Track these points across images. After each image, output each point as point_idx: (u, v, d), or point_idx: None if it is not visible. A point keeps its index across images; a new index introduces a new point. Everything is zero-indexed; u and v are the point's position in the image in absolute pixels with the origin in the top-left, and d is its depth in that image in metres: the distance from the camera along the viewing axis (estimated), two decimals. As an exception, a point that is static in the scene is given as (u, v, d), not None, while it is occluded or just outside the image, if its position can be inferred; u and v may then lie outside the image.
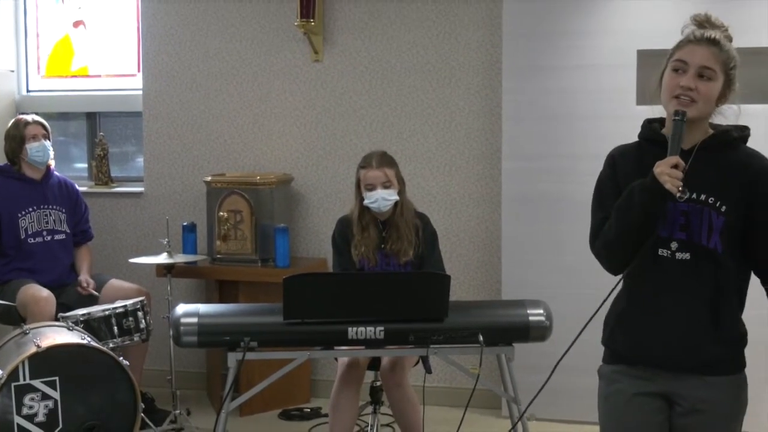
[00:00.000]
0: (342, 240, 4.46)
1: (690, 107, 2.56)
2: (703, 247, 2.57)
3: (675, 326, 2.61)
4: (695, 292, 2.59)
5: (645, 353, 2.68)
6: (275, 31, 5.94)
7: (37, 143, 5.34)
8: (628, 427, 2.73)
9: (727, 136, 2.66)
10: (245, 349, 3.78)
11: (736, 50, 2.67)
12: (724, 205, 2.56)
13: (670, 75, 2.61)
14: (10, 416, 4.31)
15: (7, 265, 5.28)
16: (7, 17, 6.46)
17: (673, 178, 2.47)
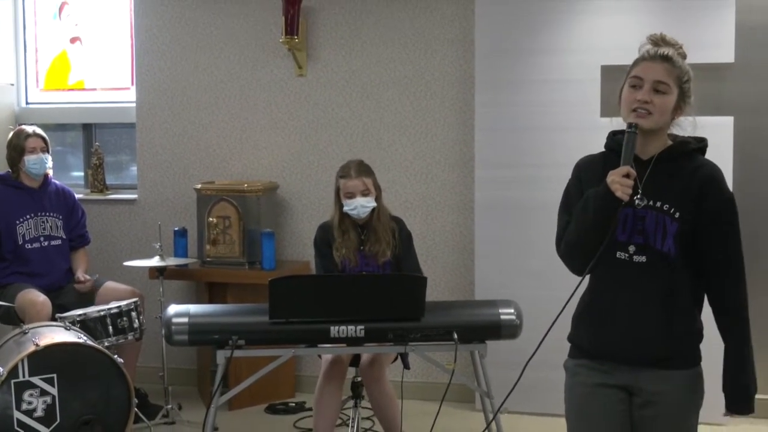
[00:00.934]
0: (323, 243, 4.47)
1: (646, 119, 2.59)
2: (658, 251, 2.60)
3: (631, 324, 2.64)
4: (650, 292, 2.62)
5: (604, 348, 2.70)
6: (261, 47, 5.93)
7: (35, 156, 5.32)
8: (591, 415, 2.75)
9: (685, 147, 2.68)
10: (233, 347, 3.78)
11: (689, 66, 2.70)
12: (678, 212, 2.59)
13: (628, 91, 2.65)
14: (10, 411, 4.29)
15: (6, 269, 5.25)
16: (7, 33, 6.43)
17: (624, 186, 2.51)
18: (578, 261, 2.69)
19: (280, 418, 5.44)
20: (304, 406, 5.53)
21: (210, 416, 3.88)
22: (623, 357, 2.67)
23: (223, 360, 3.80)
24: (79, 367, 4.43)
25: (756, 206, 5.20)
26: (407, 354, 4.15)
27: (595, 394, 2.73)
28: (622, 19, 5.11)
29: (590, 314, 2.75)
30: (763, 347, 5.18)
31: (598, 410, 2.73)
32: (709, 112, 5.06)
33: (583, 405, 2.77)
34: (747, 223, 5.14)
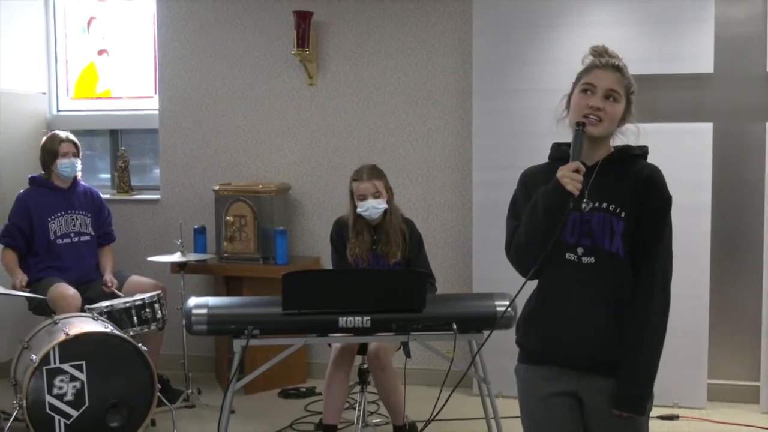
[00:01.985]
0: (338, 239, 4.48)
1: (597, 126, 2.52)
2: (606, 251, 2.50)
3: (579, 327, 2.52)
4: (599, 294, 2.51)
5: (552, 353, 2.58)
6: (275, 58, 5.93)
7: (67, 160, 5.33)
8: (550, 426, 2.63)
9: (627, 151, 2.60)
10: (249, 336, 3.78)
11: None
12: (624, 211, 2.50)
13: (579, 96, 2.57)
14: (43, 396, 4.31)
15: (39, 264, 5.26)
16: (39, 46, 6.44)
17: (574, 180, 2.42)
18: (526, 261, 2.56)
19: (292, 401, 5.44)
20: (314, 390, 5.54)
21: (227, 400, 3.89)
22: (570, 361, 2.55)
23: (240, 348, 3.81)
24: (106, 354, 4.45)
25: (733, 207, 5.20)
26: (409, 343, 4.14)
27: (547, 405, 2.61)
28: (609, 33, 5.08)
29: (539, 316, 2.63)
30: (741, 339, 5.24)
31: (551, 423, 2.61)
32: (689, 119, 5.08)
33: (536, 417, 2.66)
34: (724, 223, 5.21)
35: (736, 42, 5.13)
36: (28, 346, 4.60)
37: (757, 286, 5.11)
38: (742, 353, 5.23)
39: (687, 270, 4.08)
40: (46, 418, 4.32)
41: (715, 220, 5.03)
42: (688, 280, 4.27)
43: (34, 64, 6.41)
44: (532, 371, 2.65)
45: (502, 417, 4.07)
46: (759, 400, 5.11)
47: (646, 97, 5.21)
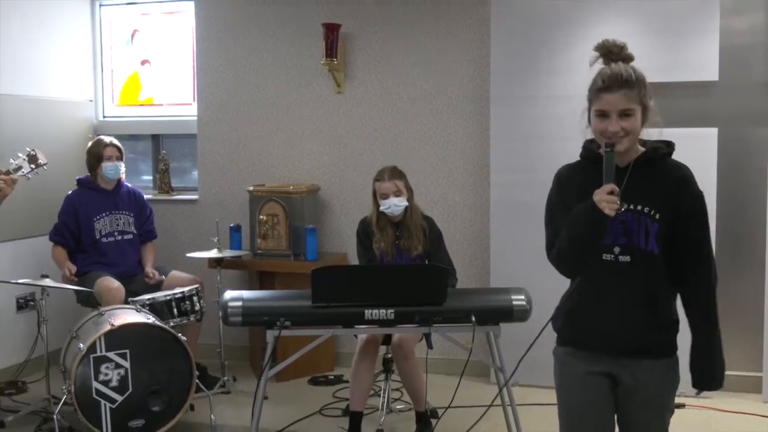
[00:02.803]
0: (365, 236, 4.50)
1: (621, 143, 2.48)
2: (642, 250, 2.50)
3: (616, 318, 2.55)
4: (634, 289, 2.52)
5: (590, 341, 2.61)
6: (305, 68, 5.95)
7: (111, 163, 5.36)
8: (581, 401, 2.66)
9: (657, 152, 2.57)
10: (281, 327, 3.79)
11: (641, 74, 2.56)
12: (658, 213, 2.50)
13: (597, 120, 2.53)
14: (89, 382, 4.33)
15: (86, 260, 5.29)
16: (86, 57, 6.49)
17: (610, 203, 2.40)
18: (569, 267, 2.61)
19: (321, 388, 5.45)
20: (342, 378, 5.55)
21: (260, 386, 3.90)
22: (607, 348, 2.58)
23: (272, 338, 3.82)
24: (148, 344, 4.47)
25: (737, 208, 5.18)
26: (430, 334, 4.15)
27: (584, 382, 2.63)
28: (619, 42, 5.07)
29: (578, 311, 2.63)
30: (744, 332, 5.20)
31: (584, 399, 2.65)
32: (696, 124, 5.05)
33: (573, 394, 2.68)
34: (729, 224, 5.18)
35: (740, 51, 5.10)
36: (76, 335, 4.63)
37: (759, 282, 5.08)
38: (745, 346, 5.19)
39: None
40: (93, 402, 4.35)
41: (720, 219, 5.00)
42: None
43: (82, 74, 6.45)
44: (570, 353, 2.69)
45: (518, 404, 4.06)
46: (762, 390, 5.08)
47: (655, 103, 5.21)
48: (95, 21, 6.56)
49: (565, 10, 5.20)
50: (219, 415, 4.81)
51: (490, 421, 4.49)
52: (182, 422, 4.59)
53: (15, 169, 3.95)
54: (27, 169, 4.01)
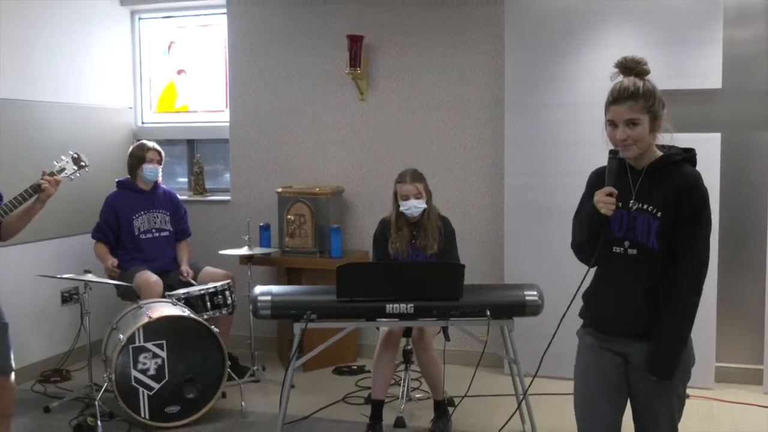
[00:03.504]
0: (382, 237, 4.48)
1: (630, 150, 2.59)
2: (645, 246, 2.60)
3: (624, 304, 2.65)
4: (639, 281, 2.61)
5: (604, 323, 2.73)
6: (330, 77, 5.95)
7: (151, 166, 5.39)
8: (593, 371, 2.75)
9: (671, 158, 2.64)
10: (307, 320, 3.80)
11: (653, 85, 2.65)
12: (660, 212, 2.57)
13: (609, 129, 2.63)
14: (129, 370, 4.37)
15: (126, 256, 5.32)
16: (126, 67, 6.53)
17: (607, 204, 2.55)
18: (583, 256, 2.73)
19: (345, 378, 5.45)
20: (364, 368, 5.54)
21: (288, 376, 3.91)
22: (618, 330, 2.68)
23: (299, 331, 3.83)
24: (183, 335, 4.50)
25: (740, 209, 5.14)
26: (448, 327, 4.14)
27: (599, 355, 2.73)
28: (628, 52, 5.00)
29: (595, 296, 2.77)
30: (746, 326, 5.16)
31: (598, 368, 2.74)
32: (700, 130, 5.01)
33: (588, 362, 2.78)
34: (732, 224, 5.14)
35: (742, 60, 5.06)
36: (116, 327, 4.67)
37: (760, 280, 5.04)
38: (746, 339, 5.16)
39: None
40: (132, 389, 4.39)
41: (723, 220, 4.97)
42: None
43: (122, 83, 6.48)
44: (591, 333, 2.78)
45: (530, 394, 4.05)
46: (762, 381, 5.03)
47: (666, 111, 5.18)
48: (135, 33, 6.60)
49: (576, 23, 5.18)
50: (249, 402, 4.82)
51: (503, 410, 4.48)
52: (215, 409, 4.61)
53: (59, 171, 3.98)
54: (70, 171, 4.04)
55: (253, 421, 4.61)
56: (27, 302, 5.36)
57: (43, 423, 4.60)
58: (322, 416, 4.68)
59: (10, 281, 4.33)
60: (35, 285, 5.28)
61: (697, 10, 4.95)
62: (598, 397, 2.74)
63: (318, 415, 4.69)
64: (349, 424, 4.54)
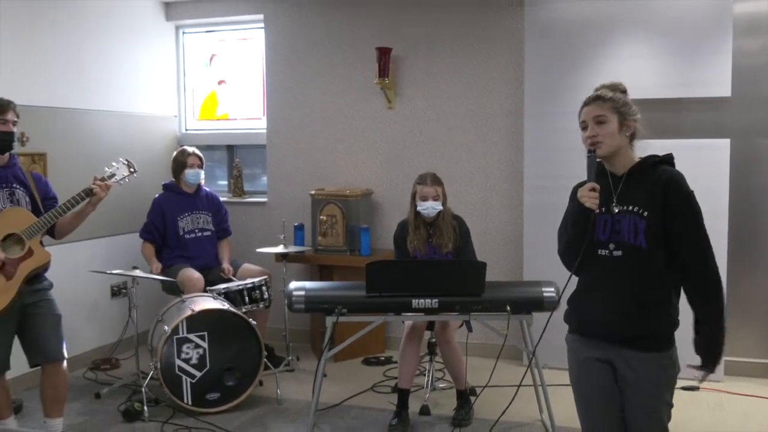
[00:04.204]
0: (401, 238, 4.47)
1: (600, 147, 2.57)
2: (631, 245, 2.50)
3: (608, 306, 2.55)
4: (625, 281, 2.51)
5: (587, 328, 2.64)
6: (360, 87, 5.96)
7: (193, 170, 5.43)
8: (588, 385, 2.67)
9: (650, 159, 2.59)
10: (338, 314, 3.82)
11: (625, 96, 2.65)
12: (646, 211, 2.49)
13: (581, 133, 2.64)
14: (173, 359, 4.41)
15: (171, 253, 5.37)
16: (171, 78, 6.58)
17: (591, 198, 2.52)
18: (569, 262, 2.64)
19: (373, 368, 5.45)
20: (391, 359, 5.55)
21: (320, 366, 3.92)
22: (602, 334, 2.57)
23: (331, 324, 3.85)
24: (223, 327, 4.53)
25: (748, 211, 5.08)
26: (470, 321, 4.13)
27: (587, 368, 2.64)
28: (641, 62, 5.01)
29: (578, 301, 2.67)
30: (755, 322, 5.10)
31: (588, 382, 2.66)
32: (710, 136, 4.97)
33: (578, 377, 2.70)
34: (740, 226, 5.10)
35: (751, 70, 5.00)
36: (161, 319, 4.71)
37: (768, 278, 4.99)
38: (755, 334, 5.10)
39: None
40: (176, 377, 4.42)
41: (732, 221, 4.91)
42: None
43: (167, 92, 6.54)
44: (577, 340, 2.69)
45: (547, 384, 4.03)
46: (770, 374, 4.98)
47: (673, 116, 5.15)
48: (179, 47, 6.65)
49: (592, 34, 5.14)
50: (284, 390, 4.84)
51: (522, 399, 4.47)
52: (252, 396, 4.64)
53: (110, 176, 4.02)
54: (120, 176, 4.08)
55: (288, 407, 4.63)
56: (80, 296, 5.42)
57: (94, 408, 4.65)
58: (352, 404, 4.69)
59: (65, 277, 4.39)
60: (88, 280, 5.34)
61: (709, 22, 4.90)
62: (593, 404, 2.66)
63: (348, 403, 4.70)
64: (377, 411, 4.54)
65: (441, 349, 4.38)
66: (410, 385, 4.35)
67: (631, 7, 5.06)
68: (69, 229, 3.98)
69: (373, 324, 4.01)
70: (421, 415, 4.46)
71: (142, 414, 4.40)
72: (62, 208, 3.81)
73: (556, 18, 5.24)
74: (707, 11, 4.91)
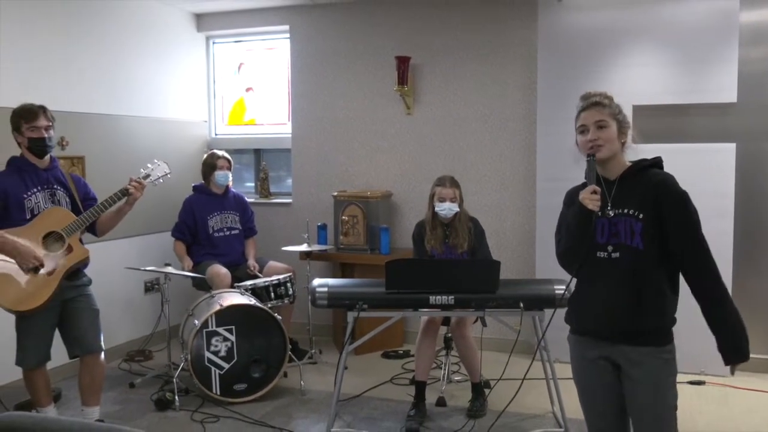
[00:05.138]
0: (419, 238, 4.46)
1: (601, 151, 2.54)
2: (628, 246, 2.48)
3: (607, 304, 2.51)
4: (623, 281, 2.47)
5: (586, 327, 2.60)
6: (380, 93, 5.96)
7: (222, 172, 5.46)
8: (590, 383, 2.63)
9: (641, 164, 2.57)
10: (359, 309, 3.81)
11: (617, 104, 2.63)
12: (642, 213, 2.47)
13: (580, 137, 2.60)
14: (202, 352, 4.43)
15: (201, 251, 5.39)
16: (201, 85, 6.61)
17: (593, 200, 2.49)
18: (570, 264, 2.62)
19: (392, 361, 5.45)
20: (409, 353, 5.53)
21: (342, 358, 3.92)
22: (602, 333, 2.54)
23: (352, 319, 3.84)
24: (250, 321, 4.54)
25: (753, 212, 5.03)
26: (485, 317, 4.11)
27: (589, 367, 2.61)
28: (648, 70, 4.97)
29: (578, 301, 2.64)
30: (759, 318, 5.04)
31: (591, 381, 2.62)
32: (716, 140, 4.91)
33: (581, 377, 2.66)
34: (745, 226, 5.04)
35: (756, 77, 4.95)
36: (192, 313, 4.74)
37: (772, 277, 4.93)
38: (760, 330, 5.03)
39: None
40: (205, 369, 4.44)
41: (737, 222, 4.87)
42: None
43: (198, 99, 6.57)
44: (578, 340, 2.66)
45: (559, 378, 4.01)
46: (773, 370, 4.92)
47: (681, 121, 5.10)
48: (209, 56, 6.69)
49: (602, 43, 5.11)
50: (307, 381, 4.85)
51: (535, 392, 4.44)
52: (277, 386, 4.65)
53: (145, 177, 4.05)
54: (155, 177, 4.11)
55: (311, 398, 4.63)
56: (116, 291, 5.46)
57: (128, 397, 4.68)
58: (372, 395, 4.69)
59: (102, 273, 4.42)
60: (123, 276, 5.38)
61: (715, 31, 4.85)
62: (597, 402, 2.63)
63: (368, 394, 4.70)
64: (396, 402, 4.54)
65: (457, 343, 4.36)
66: (427, 377, 4.34)
67: (640, 17, 5.02)
68: (109, 226, 4.02)
69: (392, 319, 4.00)
70: (437, 406, 4.45)
71: (173, 403, 4.42)
72: (99, 208, 3.85)
73: (568, 27, 5.21)
74: (714, 21, 4.86)
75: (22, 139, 3.76)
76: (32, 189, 3.76)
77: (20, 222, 3.69)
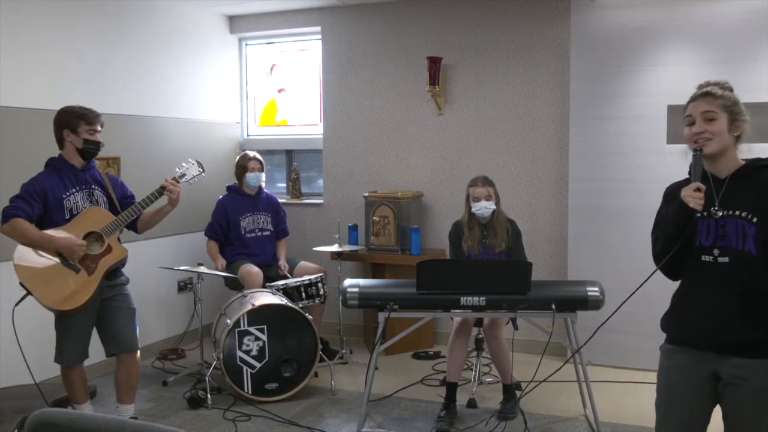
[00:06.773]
0: (455, 237, 4.46)
1: (708, 144, 2.33)
2: (740, 251, 2.27)
3: (714, 314, 2.31)
4: (731, 288, 2.28)
5: (690, 338, 2.37)
6: (412, 94, 5.96)
7: (254, 174, 5.49)
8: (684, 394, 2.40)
9: (755, 162, 2.37)
10: (390, 310, 3.82)
11: (734, 95, 2.42)
12: (756, 217, 2.27)
13: (686, 129, 2.38)
14: (234, 351, 4.46)
15: (233, 251, 5.42)
16: (234, 87, 6.65)
17: (696, 198, 2.27)
18: (664, 264, 2.39)
19: (423, 362, 5.43)
20: (440, 354, 5.52)
21: (372, 359, 3.93)
22: (708, 344, 2.32)
23: (383, 319, 3.84)
24: (282, 321, 4.56)
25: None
26: (516, 318, 4.10)
27: (684, 369, 2.39)
28: (683, 69, 4.91)
29: (681, 308, 2.42)
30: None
31: (687, 392, 2.39)
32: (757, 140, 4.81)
33: (672, 379, 2.43)
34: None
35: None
36: (224, 313, 4.77)
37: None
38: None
39: None
40: (237, 367, 4.47)
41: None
42: None
43: (230, 100, 6.61)
44: (674, 349, 2.45)
45: (591, 381, 3.98)
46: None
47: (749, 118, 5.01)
48: (242, 57, 6.73)
49: (635, 43, 5.06)
50: (338, 381, 4.86)
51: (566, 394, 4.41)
52: (308, 386, 4.67)
53: (180, 176, 4.09)
54: (190, 176, 4.15)
55: (342, 398, 4.64)
56: (150, 290, 5.52)
57: (162, 395, 4.73)
58: (403, 396, 4.68)
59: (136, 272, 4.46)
60: (157, 275, 5.45)
61: (750, 29, 4.78)
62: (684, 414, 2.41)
63: (398, 395, 4.69)
64: (426, 403, 4.53)
65: (489, 344, 4.35)
66: (458, 378, 4.32)
67: (673, 16, 4.96)
68: (150, 224, 4.07)
69: (423, 320, 4.00)
70: (468, 407, 4.43)
71: (206, 401, 4.46)
72: (137, 208, 3.90)
73: (601, 27, 5.17)
74: (748, 18, 4.78)
75: (76, 139, 3.78)
76: (71, 189, 3.81)
77: (60, 222, 3.74)
